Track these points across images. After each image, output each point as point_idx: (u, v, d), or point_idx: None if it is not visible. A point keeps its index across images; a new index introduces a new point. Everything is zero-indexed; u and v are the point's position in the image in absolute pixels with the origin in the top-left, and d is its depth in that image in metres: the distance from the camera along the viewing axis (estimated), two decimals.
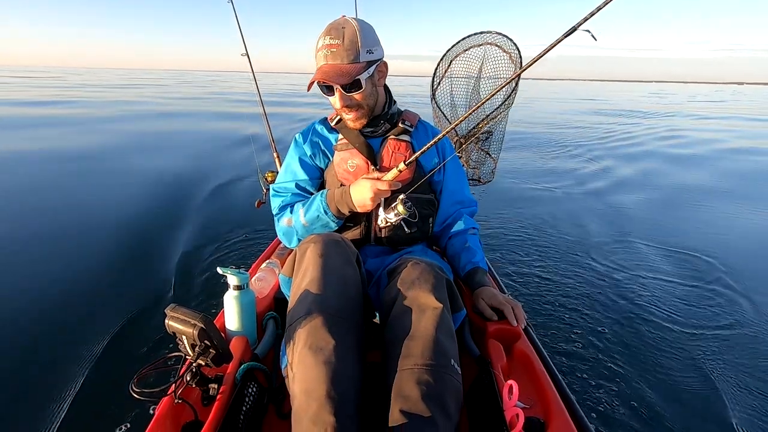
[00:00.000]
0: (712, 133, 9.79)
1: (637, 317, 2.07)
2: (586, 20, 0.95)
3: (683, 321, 2.05)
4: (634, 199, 4.23)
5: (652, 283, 2.43)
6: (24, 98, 13.85)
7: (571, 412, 0.91)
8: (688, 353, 1.82)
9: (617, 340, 1.90)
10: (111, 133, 7.41)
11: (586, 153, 6.83)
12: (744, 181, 5.14)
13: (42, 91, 17.63)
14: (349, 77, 1.11)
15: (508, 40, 1.79)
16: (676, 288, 2.38)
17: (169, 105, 13.67)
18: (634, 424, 1.43)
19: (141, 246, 2.68)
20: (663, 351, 1.83)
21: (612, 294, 2.29)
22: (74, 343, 1.72)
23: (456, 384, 0.86)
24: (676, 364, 1.75)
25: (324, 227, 1.22)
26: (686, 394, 1.59)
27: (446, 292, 0.99)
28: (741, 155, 6.94)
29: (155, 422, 0.85)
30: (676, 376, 1.68)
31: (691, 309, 2.16)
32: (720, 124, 12.09)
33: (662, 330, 1.98)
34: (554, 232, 3.18)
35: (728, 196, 4.42)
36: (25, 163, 4.84)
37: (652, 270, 2.60)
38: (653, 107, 19.21)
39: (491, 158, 2.01)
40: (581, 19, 0.96)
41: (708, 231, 3.35)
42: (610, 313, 2.11)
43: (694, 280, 2.47)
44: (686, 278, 2.49)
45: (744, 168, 5.93)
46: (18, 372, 1.57)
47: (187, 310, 0.85)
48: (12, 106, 11.23)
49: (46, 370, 1.58)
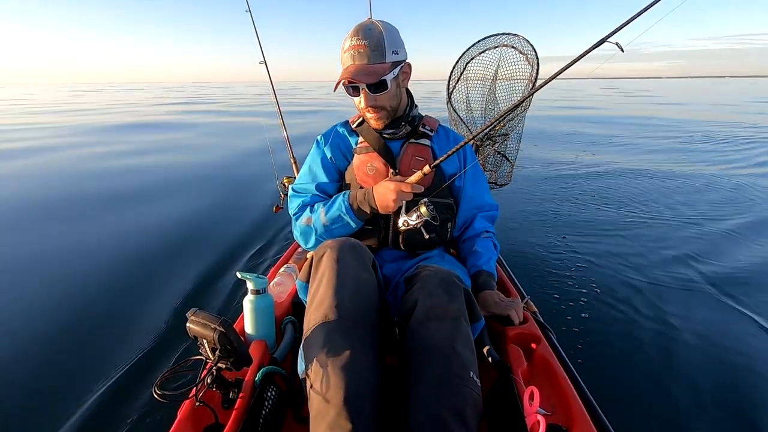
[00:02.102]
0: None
1: (674, 327, 1.98)
2: (615, 33, 0.93)
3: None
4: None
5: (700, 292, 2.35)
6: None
7: (594, 419, 0.88)
8: (731, 369, 1.71)
9: (649, 345, 1.83)
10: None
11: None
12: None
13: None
14: (376, 77, 1.13)
15: (525, 41, 1.77)
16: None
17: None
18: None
19: (163, 252, 2.74)
20: (699, 363, 1.74)
21: (648, 298, 2.22)
22: (99, 347, 1.77)
23: (475, 396, 0.85)
24: (714, 378, 1.65)
25: (344, 228, 1.22)
26: (721, 410, 1.51)
27: (464, 302, 0.98)
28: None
29: (177, 425, 0.87)
30: (713, 389, 1.59)
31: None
32: None
33: (701, 343, 1.87)
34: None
35: None
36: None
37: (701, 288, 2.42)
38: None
39: (508, 161, 1.99)
40: (610, 32, 0.94)
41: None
42: (643, 317, 2.04)
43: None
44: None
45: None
46: (42, 374, 1.61)
47: (207, 314, 0.87)
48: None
49: (70, 372, 1.62)
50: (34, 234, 3.06)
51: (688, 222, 3.49)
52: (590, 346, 1.81)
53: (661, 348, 1.83)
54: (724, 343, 1.87)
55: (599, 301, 2.20)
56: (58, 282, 2.31)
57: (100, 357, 1.70)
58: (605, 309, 2.12)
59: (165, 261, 2.60)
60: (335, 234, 1.22)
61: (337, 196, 1.23)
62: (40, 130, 9.27)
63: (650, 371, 1.68)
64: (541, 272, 2.51)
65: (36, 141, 7.62)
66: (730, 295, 2.29)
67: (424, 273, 1.02)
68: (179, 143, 7.73)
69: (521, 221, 3.43)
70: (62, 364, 1.67)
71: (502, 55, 1.86)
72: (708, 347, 1.84)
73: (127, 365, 1.64)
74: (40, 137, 8.11)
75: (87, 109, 17.03)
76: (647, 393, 1.56)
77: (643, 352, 1.80)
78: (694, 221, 3.50)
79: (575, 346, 1.78)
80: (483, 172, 1.45)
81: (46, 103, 22.03)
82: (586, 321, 2.01)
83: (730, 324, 2.02)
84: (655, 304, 2.17)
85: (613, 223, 3.42)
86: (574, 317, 2.04)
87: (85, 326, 1.91)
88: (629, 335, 1.91)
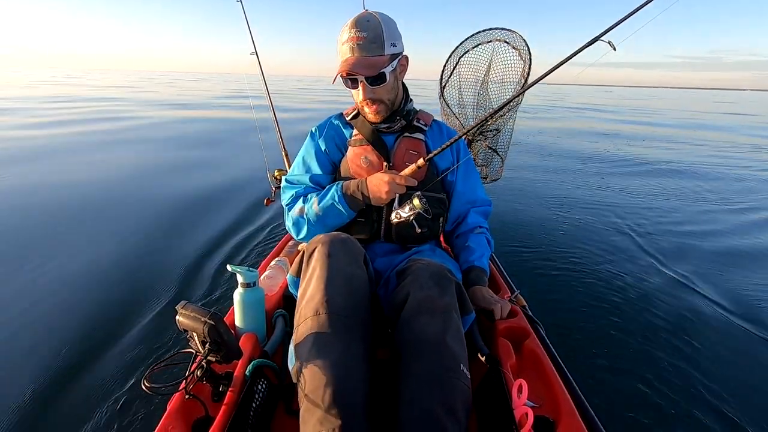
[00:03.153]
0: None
1: (662, 322, 2.03)
2: (608, 31, 0.94)
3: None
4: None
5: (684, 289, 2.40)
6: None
7: (581, 411, 0.90)
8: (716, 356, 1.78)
9: (637, 339, 1.87)
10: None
11: None
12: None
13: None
14: (375, 69, 1.12)
15: (518, 36, 1.77)
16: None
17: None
18: (646, 422, 1.41)
19: (151, 244, 2.71)
20: (684, 352, 1.80)
21: (631, 290, 2.27)
22: (87, 340, 1.74)
23: (465, 389, 0.85)
24: (701, 367, 1.71)
25: (337, 217, 1.21)
26: (705, 400, 1.55)
27: (455, 295, 0.99)
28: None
29: (167, 417, 0.86)
30: (699, 379, 1.64)
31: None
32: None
33: (691, 337, 1.91)
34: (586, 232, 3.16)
35: None
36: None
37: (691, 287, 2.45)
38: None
39: (499, 156, 2.00)
40: (604, 30, 0.95)
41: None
42: (633, 311, 2.08)
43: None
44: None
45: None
46: (31, 366, 1.59)
47: (197, 307, 0.86)
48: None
49: (60, 365, 1.60)
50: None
51: (688, 216, 3.58)
52: (579, 340, 1.84)
53: (649, 341, 1.86)
54: (713, 336, 1.91)
55: (588, 295, 2.23)
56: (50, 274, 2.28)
57: (88, 350, 1.68)
58: (595, 303, 2.15)
59: (152, 255, 2.57)
60: (328, 224, 1.21)
61: (330, 186, 1.23)
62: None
63: (638, 365, 1.71)
64: (531, 266, 2.54)
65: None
66: (719, 286, 2.35)
67: (416, 266, 1.02)
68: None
69: (512, 215, 3.46)
70: (50, 357, 1.65)
71: (495, 50, 1.86)
72: (698, 341, 1.88)
73: (116, 359, 1.63)
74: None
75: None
76: (634, 386, 1.59)
77: (631, 346, 1.84)
78: (694, 217, 3.60)
79: (564, 339, 1.81)
80: (476, 167, 1.45)
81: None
82: (575, 315, 2.04)
83: (722, 318, 2.07)
84: (645, 299, 2.21)
85: (606, 219, 3.47)
86: (564, 311, 2.07)
87: (75, 319, 1.89)
88: (618, 329, 1.94)
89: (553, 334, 1.24)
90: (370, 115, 1.25)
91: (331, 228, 1.22)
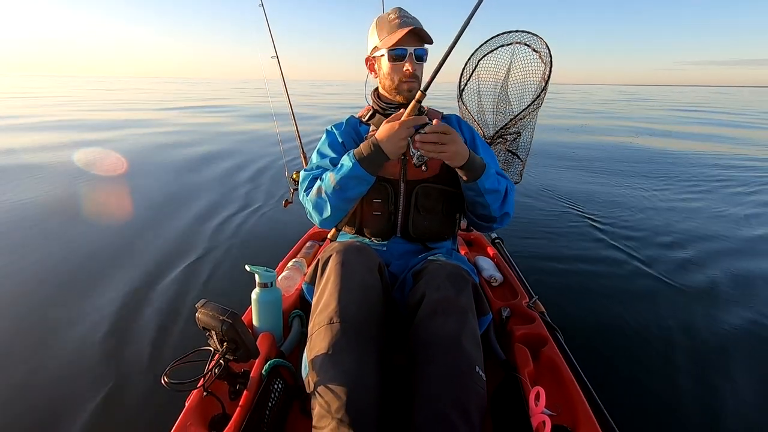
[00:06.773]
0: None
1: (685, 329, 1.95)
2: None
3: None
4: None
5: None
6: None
7: (601, 421, 0.88)
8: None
9: (661, 348, 1.81)
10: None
11: None
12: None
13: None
14: (431, 40, 1.17)
15: (538, 39, 1.75)
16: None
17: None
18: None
19: (173, 244, 2.77)
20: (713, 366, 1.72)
21: (655, 298, 2.19)
22: (110, 334, 1.79)
23: (480, 391, 0.84)
24: (730, 385, 1.61)
25: (356, 186, 1.12)
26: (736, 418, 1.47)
27: (472, 296, 0.98)
28: None
29: (185, 414, 0.88)
30: (730, 404, 1.53)
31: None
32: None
33: (718, 346, 1.83)
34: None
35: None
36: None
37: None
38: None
39: (519, 160, 1.97)
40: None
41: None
42: (657, 319, 2.01)
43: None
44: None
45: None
46: (47, 367, 1.65)
47: (216, 305, 0.88)
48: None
49: (81, 361, 1.65)
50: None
51: (716, 221, 3.43)
52: (599, 348, 1.79)
53: (674, 351, 1.80)
54: (742, 348, 1.82)
55: (610, 300, 2.17)
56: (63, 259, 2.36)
57: (110, 348, 1.72)
58: (616, 310, 2.09)
59: (175, 254, 2.63)
60: (348, 196, 1.14)
61: (342, 158, 1.16)
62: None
63: (661, 375, 1.65)
64: (550, 271, 2.49)
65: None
66: (755, 296, 2.24)
67: (432, 267, 1.02)
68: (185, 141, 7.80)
69: (531, 218, 3.38)
70: (71, 354, 1.70)
71: (515, 53, 1.84)
72: (726, 351, 1.80)
73: (138, 355, 1.67)
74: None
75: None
76: (656, 396, 1.54)
77: (655, 354, 1.78)
78: (723, 222, 3.44)
79: (583, 346, 1.76)
80: (495, 156, 1.42)
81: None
82: (595, 321, 1.99)
83: (752, 329, 1.97)
84: (671, 306, 2.14)
85: (629, 223, 3.37)
86: (584, 317, 2.02)
87: (98, 314, 1.95)
88: (640, 337, 1.88)
89: (572, 341, 1.21)
90: (404, 92, 1.21)
91: (353, 200, 1.16)
